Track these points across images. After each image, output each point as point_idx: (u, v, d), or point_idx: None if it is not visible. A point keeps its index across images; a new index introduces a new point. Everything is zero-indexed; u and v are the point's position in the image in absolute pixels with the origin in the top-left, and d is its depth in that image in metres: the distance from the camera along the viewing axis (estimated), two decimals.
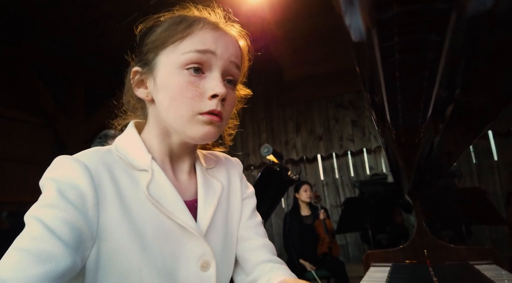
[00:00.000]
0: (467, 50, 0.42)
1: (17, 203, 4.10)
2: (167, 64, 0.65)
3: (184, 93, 0.64)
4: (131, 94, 0.74)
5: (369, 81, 0.52)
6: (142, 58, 0.70)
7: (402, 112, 0.61)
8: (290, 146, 6.32)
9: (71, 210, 0.56)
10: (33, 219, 0.54)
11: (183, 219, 0.65)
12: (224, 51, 0.67)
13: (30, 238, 0.51)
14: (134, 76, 0.70)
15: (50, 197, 0.56)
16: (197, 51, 0.64)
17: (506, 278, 1.07)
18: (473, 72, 0.48)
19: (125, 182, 0.63)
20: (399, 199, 4.09)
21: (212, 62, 0.66)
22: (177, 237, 0.64)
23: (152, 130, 0.71)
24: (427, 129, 0.71)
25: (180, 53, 0.64)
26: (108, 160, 0.64)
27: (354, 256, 5.68)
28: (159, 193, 0.65)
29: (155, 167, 0.67)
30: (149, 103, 0.71)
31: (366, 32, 0.37)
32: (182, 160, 0.74)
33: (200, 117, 0.64)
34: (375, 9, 0.32)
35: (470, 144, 1.18)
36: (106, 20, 4.18)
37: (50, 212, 0.54)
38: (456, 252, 1.44)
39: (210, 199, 0.73)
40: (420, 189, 1.61)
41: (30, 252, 0.50)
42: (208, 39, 0.65)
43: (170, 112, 0.65)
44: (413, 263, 1.49)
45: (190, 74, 0.64)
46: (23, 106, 4.46)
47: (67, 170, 0.60)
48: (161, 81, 0.66)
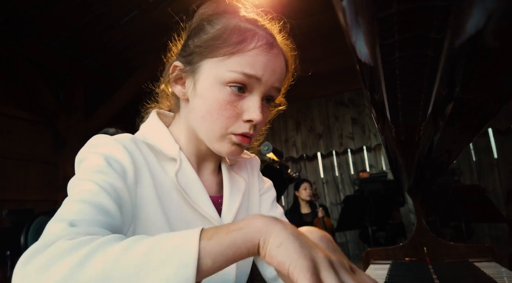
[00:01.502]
0: (467, 48, 0.42)
1: (17, 201, 4.10)
2: (211, 75, 0.64)
3: (222, 111, 0.64)
4: (167, 83, 0.73)
5: (369, 79, 0.52)
6: (186, 56, 0.68)
7: (402, 110, 0.61)
8: (290, 144, 6.32)
9: (119, 180, 0.57)
10: (86, 180, 0.55)
11: (207, 210, 0.66)
12: (270, 77, 0.65)
13: (88, 192, 0.52)
14: (173, 70, 0.69)
15: (99, 165, 0.57)
16: (243, 74, 0.62)
17: (505, 276, 1.07)
18: (473, 70, 0.48)
19: (156, 167, 0.65)
20: (398, 196, 4.10)
21: (255, 86, 0.65)
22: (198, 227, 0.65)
23: (181, 127, 0.72)
24: (427, 127, 0.71)
25: (227, 69, 0.63)
26: (140, 145, 0.65)
27: (354, 254, 5.70)
28: (185, 182, 0.66)
29: (183, 157, 0.68)
30: (184, 102, 0.71)
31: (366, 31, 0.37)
32: (207, 160, 0.75)
33: (232, 137, 0.65)
34: (375, 6, 0.32)
35: (470, 142, 1.19)
36: (107, 18, 4.17)
37: (102, 177, 0.55)
38: (455, 250, 1.44)
39: (235, 196, 0.74)
40: (420, 187, 1.61)
41: (90, 203, 0.51)
42: (258, 63, 0.63)
43: (203, 123, 0.66)
44: (413, 260, 1.50)
45: (231, 92, 0.63)
46: (23, 104, 4.46)
47: (110, 148, 0.61)
48: (201, 90, 0.65)
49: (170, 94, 0.74)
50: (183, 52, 0.69)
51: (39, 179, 4.48)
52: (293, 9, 4.85)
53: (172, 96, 0.74)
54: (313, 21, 5.20)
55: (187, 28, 0.72)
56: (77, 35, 4.42)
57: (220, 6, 0.70)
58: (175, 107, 0.74)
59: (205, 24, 0.68)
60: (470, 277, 1.07)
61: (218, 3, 0.70)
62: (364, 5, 0.33)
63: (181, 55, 0.70)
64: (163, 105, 0.77)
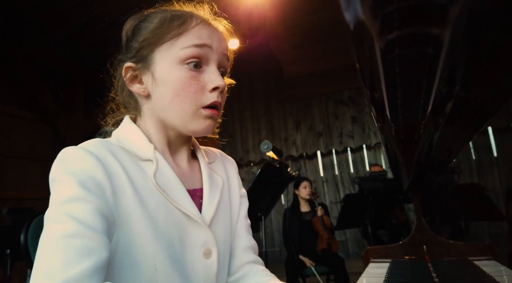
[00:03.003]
0: (467, 46, 0.42)
1: (17, 200, 4.11)
2: (166, 60, 0.67)
3: (188, 88, 0.66)
4: (123, 90, 0.74)
5: (369, 77, 0.52)
6: (135, 54, 0.70)
7: (401, 108, 0.61)
8: (290, 143, 6.32)
9: (96, 200, 0.57)
10: (64, 216, 0.54)
11: (187, 207, 0.67)
12: (219, 45, 0.70)
13: (69, 235, 0.52)
14: (126, 72, 0.71)
15: (73, 191, 0.56)
16: (195, 46, 0.67)
17: (505, 274, 1.07)
18: (473, 68, 0.48)
19: (133, 170, 0.65)
20: (398, 195, 4.09)
21: (209, 56, 0.69)
22: (184, 225, 0.66)
23: (148, 123, 0.72)
24: (426, 126, 0.71)
25: (179, 48, 0.67)
26: (113, 150, 0.65)
27: (354, 252, 5.70)
28: (164, 182, 0.66)
29: (159, 157, 0.69)
30: (144, 99, 0.72)
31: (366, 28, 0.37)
32: (180, 149, 0.76)
33: (203, 112, 0.67)
34: (375, 4, 0.32)
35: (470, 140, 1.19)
36: (106, 17, 4.17)
37: (79, 206, 0.55)
38: (455, 248, 1.44)
39: (214, 191, 0.75)
40: (419, 185, 1.61)
41: (73, 249, 0.51)
42: (204, 34, 0.68)
43: (173, 107, 0.67)
44: (412, 259, 1.50)
45: (190, 69, 0.67)
46: (23, 103, 4.46)
47: (81, 162, 0.60)
48: (161, 77, 0.67)
49: (128, 97, 0.75)
50: (129, 54, 0.71)
51: (39, 178, 4.48)
52: (293, 8, 4.85)
53: (131, 100, 0.75)
54: (313, 20, 5.20)
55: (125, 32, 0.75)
56: (77, 34, 4.42)
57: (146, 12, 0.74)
58: (136, 110, 0.75)
59: (141, 23, 0.71)
60: (469, 276, 1.07)
61: (141, 12, 0.74)
62: (364, 3, 0.33)
63: (127, 57, 0.71)
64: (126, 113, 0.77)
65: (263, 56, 6.29)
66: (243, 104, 6.79)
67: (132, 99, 0.75)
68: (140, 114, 0.74)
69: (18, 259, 2.72)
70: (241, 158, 6.62)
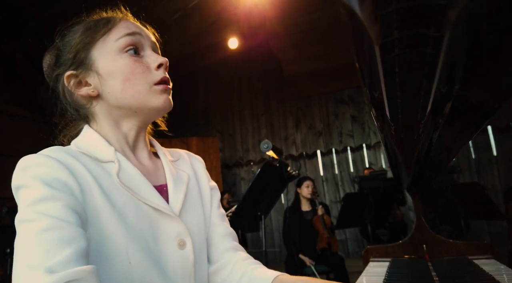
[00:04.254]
0: (466, 46, 0.42)
1: None
2: (105, 54, 0.70)
3: (135, 70, 0.69)
4: (70, 99, 0.75)
5: (369, 77, 0.52)
6: (72, 62, 0.72)
7: (401, 108, 0.61)
8: (290, 142, 6.32)
9: (65, 197, 0.57)
10: (35, 214, 0.54)
11: (156, 202, 0.68)
12: (147, 33, 0.75)
13: (43, 229, 0.52)
14: (69, 81, 0.72)
15: (41, 192, 0.57)
16: (128, 35, 0.71)
17: (505, 273, 1.07)
18: (472, 68, 0.48)
19: (97, 171, 0.65)
20: (398, 194, 4.10)
21: (143, 42, 0.73)
22: (154, 219, 0.68)
23: (104, 125, 0.73)
24: (426, 125, 0.71)
25: (113, 41, 0.70)
26: (73, 154, 0.66)
27: (354, 251, 5.71)
28: (129, 180, 0.67)
29: (120, 157, 0.69)
30: (94, 100, 0.73)
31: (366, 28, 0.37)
32: (139, 146, 0.77)
33: (156, 88, 0.71)
34: (375, 4, 0.33)
35: (469, 139, 1.19)
36: None
37: (49, 204, 0.55)
38: (455, 247, 1.45)
39: (179, 185, 0.76)
40: (419, 184, 1.61)
41: (52, 240, 0.51)
42: (131, 25, 0.73)
43: (127, 92, 0.69)
44: (412, 258, 1.50)
45: (131, 55, 0.70)
46: (23, 102, 4.46)
47: (43, 167, 0.60)
48: (106, 70, 0.70)
49: (73, 110, 0.76)
50: (66, 65, 0.72)
51: None
52: (293, 7, 4.85)
53: (77, 112, 0.76)
54: (312, 19, 5.19)
55: (47, 67, 0.78)
56: None
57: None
58: (86, 118, 0.76)
59: (65, 38, 0.74)
60: (469, 274, 1.07)
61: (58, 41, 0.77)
62: (364, 3, 0.33)
63: (64, 68, 0.72)
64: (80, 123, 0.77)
65: (263, 55, 6.30)
66: (243, 104, 6.78)
67: (80, 111, 0.75)
68: (94, 118, 0.74)
69: None
70: (241, 157, 6.62)
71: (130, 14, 0.79)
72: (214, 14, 5.23)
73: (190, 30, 5.35)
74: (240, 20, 5.31)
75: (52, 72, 0.76)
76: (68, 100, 0.75)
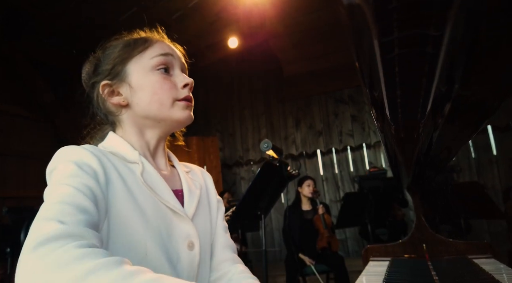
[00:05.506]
0: (466, 45, 0.42)
1: (17, 198, 4.11)
2: (139, 69, 0.79)
3: (163, 86, 0.77)
4: (102, 106, 0.83)
5: (369, 76, 0.52)
6: (109, 72, 0.80)
7: (401, 107, 0.61)
8: (290, 141, 6.32)
9: (91, 180, 0.63)
10: (61, 184, 0.60)
11: (173, 203, 0.75)
12: (179, 56, 0.84)
13: (65, 195, 0.58)
14: (104, 89, 0.80)
15: (71, 170, 0.63)
16: (162, 55, 0.79)
17: (504, 272, 1.07)
18: (472, 67, 0.48)
19: (123, 169, 0.72)
20: (398, 194, 4.10)
21: (173, 63, 0.82)
22: (169, 219, 0.74)
23: (129, 131, 0.81)
24: (426, 125, 0.71)
25: (148, 58, 0.79)
26: (103, 152, 0.73)
27: (354, 251, 5.71)
28: (151, 181, 0.74)
29: (144, 160, 0.77)
30: (123, 109, 0.81)
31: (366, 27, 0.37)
32: (158, 154, 0.85)
33: (179, 103, 0.79)
34: (375, 3, 0.32)
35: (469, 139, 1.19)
36: (105, 15, 4.16)
37: (75, 180, 0.61)
38: (454, 247, 1.45)
39: (194, 191, 0.84)
40: (419, 184, 1.61)
41: (70, 204, 0.56)
42: (165, 47, 0.82)
43: (153, 104, 0.77)
44: (412, 257, 1.50)
45: (161, 73, 0.79)
46: (23, 101, 4.46)
47: (78, 154, 0.67)
48: (138, 84, 0.78)
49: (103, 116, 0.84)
50: (103, 74, 0.81)
51: (38, 176, 4.46)
52: (293, 6, 4.85)
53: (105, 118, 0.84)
54: (312, 18, 5.19)
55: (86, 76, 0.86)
56: (76, 32, 4.41)
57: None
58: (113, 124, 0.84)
59: (106, 51, 0.84)
60: (469, 274, 1.07)
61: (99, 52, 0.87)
62: (364, 3, 0.33)
63: (102, 77, 0.81)
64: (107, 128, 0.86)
65: (263, 55, 6.29)
66: (243, 103, 6.78)
67: (109, 117, 0.84)
68: (120, 125, 0.82)
69: (18, 257, 2.72)
70: (241, 157, 6.62)
71: (165, 36, 0.87)
72: (214, 13, 5.23)
73: (190, 30, 5.35)
74: (240, 19, 5.31)
75: (90, 79, 0.84)
76: (100, 106, 0.83)
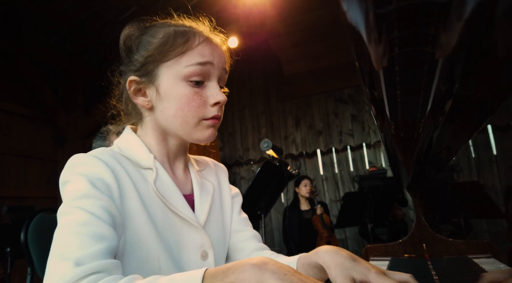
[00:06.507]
0: (466, 44, 0.42)
1: (17, 198, 4.11)
2: (170, 76, 0.71)
3: (191, 103, 0.71)
4: (128, 102, 0.78)
5: (369, 76, 0.52)
6: (139, 68, 0.74)
7: (401, 107, 0.61)
8: (290, 141, 6.32)
9: (105, 199, 0.61)
10: (76, 208, 0.58)
11: (184, 212, 0.72)
12: (219, 61, 0.75)
13: (80, 223, 0.56)
14: (130, 86, 0.75)
15: (84, 189, 0.60)
16: (199, 64, 0.71)
17: None
18: (472, 66, 0.48)
19: (136, 177, 0.70)
20: (397, 193, 4.10)
21: (211, 72, 0.74)
22: (180, 229, 0.71)
23: (149, 134, 0.77)
24: (426, 124, 0.71)
25: (183, 66, 0.71)
26: (118, 158, 0.70)
27: (353, 251, 5.71)
28: (163, 189, 0.71)
29: (158, 166, 0.73)
30: (147, 111, 0.76)
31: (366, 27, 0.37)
32: (178, 159, 0.81)
33: (205, 122, 0.73)
34: (375, 3, 0.32)
35: (469, 138, 1.19)
36: (105, 14, 4.16)
37: (89, 202, 0.59)
38: (454, 246, 1.45)
39: (205, 196, 0.80)
40: (419, 183, 1.61)
41: (86, 235, 0.55)
42: (206, 52, 0.73)
43: (176, 120, 0.72)
44: (412, 257, 1.50)
45: (193, 85, 0.72)
46: (22, 100, 4.45)
47: (90, 166, 0.64)
48: (165, 91, 0.72)
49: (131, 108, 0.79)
50: (132, 66, 0.75)
51: (38, 176, 4.48)
52: (293, 5, 4.84)
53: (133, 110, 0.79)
54: (312, 17, 5.18)
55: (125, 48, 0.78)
56: (76, 31, 4.41)
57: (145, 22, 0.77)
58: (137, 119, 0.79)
59: (144, 37, 0.75)
60: (469, 273, 1.07)
61: (140, 21, 0.78)
62: (364, 2, 0.33)
63: (131, 70, 0.75)
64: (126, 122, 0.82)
65: (262, 54, 6.29)
66: (242, 103, 6.78)
67: (135, 111, 0.79)
68: (141, 124, 0.78)
69: (18, 257, 2.73)
70: (241, 156, 6.62)
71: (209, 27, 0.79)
72: (213, 13, 5.21)
73: None
74: (240, 19, 5.30)
75: (124, 58, 0.78)
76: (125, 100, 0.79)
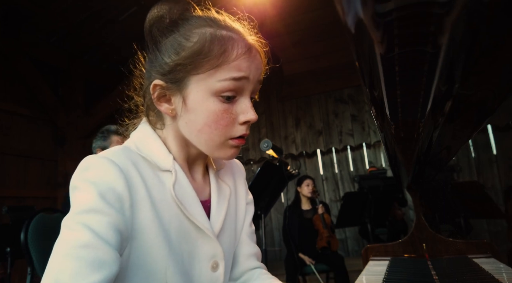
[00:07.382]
0: (466, 44, 0.42)
1: (17, 198, 4.11)
2: (200, 88, 0.64)
3: (219, 121, 0.65)
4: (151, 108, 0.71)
5: (369, 76, 0.52)
6: (167, 73, 0.66)
7: (401, 107, 0.61)
8: (290, 141, 6.32)
9: (113, 214, 0.57)
10: (80, 225, 0.55)
11: (201, 220, 0.67)
12: (256, 74, 0.68)
13: (82, 245, 0.53)
14: (155, 90, 0.67)
15: (92, 201, 0.56)
16: (233, 79, 0.64)
17: (504, 271, 1.07)
18: (472, 66, 0.48)
19: (152, 181, 0.65)
20: (397, 193, 4.10)
21: (245, 88, 0.67)
22: (194, 238, 0.67)
23: (170, 139, 0.71)
24: (426, 124, 0.71)
25: (216, 80, 0.64)
26: (134, 159, 0.65)
27: (354, 250, 5.71)
28: (182, 194, 0.67)
29: (178, 168, 0.68)
30: (170, 118, 0.70)
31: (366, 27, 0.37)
32: (197, 163, 0.76)
33: (231, 142, 0.68)
34: (375, 3, 0.32)
35: (469, 138, 1.19)
36: (105, 14, 4.16)
37: (96, 218, 0.56)
38: (454, 246, 1.45)
39: (222, 203, 0.75)
40: (419, 183, 1.61)
41: (85, 260, 0.51)
42: (243, 65, 0.65)
43: (202, 136, 0.66)
44: (412, 257, 1.50)
45: (223, 101, 0.65)
46: (22, 100, 4.46)
47: (103, 172, 0.60)
48: (193, 104, 0.65)
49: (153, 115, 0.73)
50: (161, 70, 0.67)
51: (38, 176, 4.48)
52: (293, 5, 4.84)
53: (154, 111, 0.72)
54: (313, 17, 5.19)
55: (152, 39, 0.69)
56: (76, 31, 4.41)
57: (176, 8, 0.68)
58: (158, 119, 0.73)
59: (177, 36, 0.66)
60: (469, 273, 1.07)
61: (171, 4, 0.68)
62: (364, 2, 0.33)
63: (158, 72, 0.67)
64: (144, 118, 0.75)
65: None
66: None
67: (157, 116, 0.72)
68: (163, 129, 0.72)
69: (18, 257, 2.73)
70: (241, 156, 6.61)
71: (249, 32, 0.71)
72: None
73: None
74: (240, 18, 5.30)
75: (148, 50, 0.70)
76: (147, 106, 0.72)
